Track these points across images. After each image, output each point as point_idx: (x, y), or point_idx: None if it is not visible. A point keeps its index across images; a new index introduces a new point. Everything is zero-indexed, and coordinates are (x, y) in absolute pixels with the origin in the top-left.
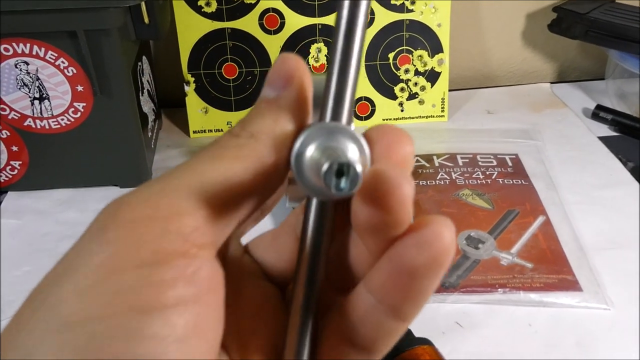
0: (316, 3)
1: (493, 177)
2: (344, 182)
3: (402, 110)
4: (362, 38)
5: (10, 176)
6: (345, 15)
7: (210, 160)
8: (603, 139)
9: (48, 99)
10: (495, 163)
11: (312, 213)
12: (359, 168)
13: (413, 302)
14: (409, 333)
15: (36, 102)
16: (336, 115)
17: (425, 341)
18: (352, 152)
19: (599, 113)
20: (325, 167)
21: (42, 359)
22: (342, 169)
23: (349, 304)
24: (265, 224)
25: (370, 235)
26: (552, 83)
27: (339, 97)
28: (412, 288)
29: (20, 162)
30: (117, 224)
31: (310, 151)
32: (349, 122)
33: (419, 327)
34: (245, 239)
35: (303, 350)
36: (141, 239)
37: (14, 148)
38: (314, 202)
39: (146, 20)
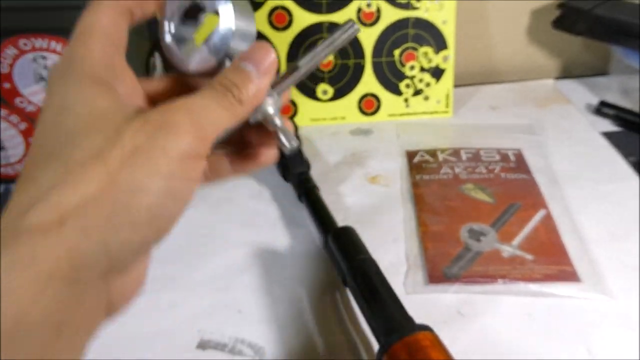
0: (324, 1)
1: (495, 171)
2: None
3: (407, 106)
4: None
5: None
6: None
7: (215, 106)
8: (606, 135)
9: None
10: (498, 158)
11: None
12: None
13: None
14: (410, 320)
15: None
16: None
17: (425, 327)
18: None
19: (602, 109)
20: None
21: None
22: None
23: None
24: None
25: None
26: (556, 79)
27: None
28: None
29: None
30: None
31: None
32: None
33: (421, 315)
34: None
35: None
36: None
37: (31, 140)
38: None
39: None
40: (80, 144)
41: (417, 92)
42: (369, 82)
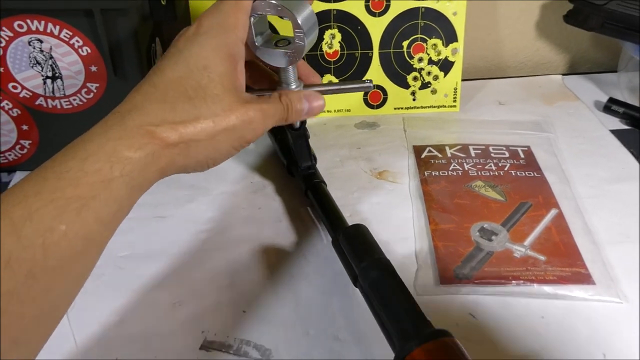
0: None
1: (505, 168)
2: None
3: (414, 100)
4: None
5: (20, 155)
6: None
7: (277, 115)
8: (615, 132)
9: (61, 78)
10: (507, 155)
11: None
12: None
13: None
14: (429, 325)
15: (48, 81)
16: None
17: (445, 333)
18: None
19: (611, 106)
20: None
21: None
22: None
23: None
24: None
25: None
26: (563, 75)
27: None
28: None
29: (30, 142)
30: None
31: None
32: None
33: (433, 318)
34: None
35: None
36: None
37: (24, 127)
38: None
39: (163, 1)
40: (208, 102)
41: (425, 85)
42: (375, 74)
